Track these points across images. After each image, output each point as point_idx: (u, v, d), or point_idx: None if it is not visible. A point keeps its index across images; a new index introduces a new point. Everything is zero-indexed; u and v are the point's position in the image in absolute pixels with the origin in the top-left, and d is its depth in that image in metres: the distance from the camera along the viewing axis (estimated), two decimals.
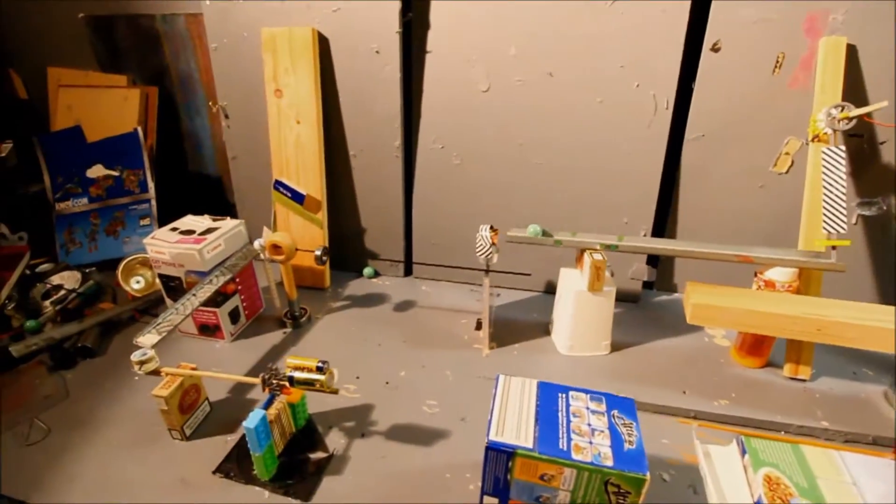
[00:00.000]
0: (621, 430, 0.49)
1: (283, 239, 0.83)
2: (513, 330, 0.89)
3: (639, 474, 0.44)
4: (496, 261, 0.79)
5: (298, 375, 0.58)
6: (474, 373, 0.79)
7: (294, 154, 0.96)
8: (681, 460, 0.63)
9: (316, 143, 0.94)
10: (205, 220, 0.88)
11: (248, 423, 0.56)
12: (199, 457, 0.64)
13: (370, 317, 0.94)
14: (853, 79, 0.77)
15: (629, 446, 0.47)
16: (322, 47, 0.92)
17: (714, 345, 0.85)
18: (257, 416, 0.57)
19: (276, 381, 0.60)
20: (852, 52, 0.76)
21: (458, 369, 0.80)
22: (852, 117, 0.71)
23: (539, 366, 0.81)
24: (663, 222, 0.93)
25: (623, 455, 0.46)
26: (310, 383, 0.58)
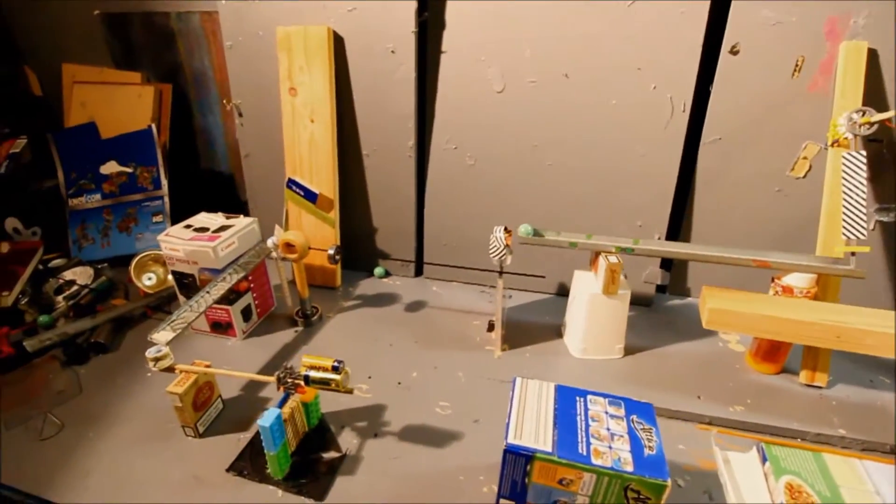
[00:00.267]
0: (641, 435, 0.48)
1: (297, 237, 0.83)
2: (525, 332, 0.89)
3: (660, 480, 0.44)
4: (510, 262, 0.79)
5: (314, 375, 0.58)
6: (487, 375, 0.79)
7: (307, 153, 0.96)
8: (696, 466, 0.62)
9: (329, 141, 0.94)
10: (218, 218, 0.88)
11: (264, 422, 0.56)
12: (213, 454, 0.64)
13: (381, 317, 0.94)
14: (874, 83, 0.76)
15: (649, 452, 0.46)
16: (337, 46, 0.92)
17: (728, 350, 0.84)
18: (273, 414, 0.56)
19: (291, 380, 0.59)
20: (873, 56, 0.75)
21: (470, 371, 0.79)
22: (874, 122, 0.70)
23: (552, 368, 0.81)
24: (677, 226, 0.92)
25: (643, 460, 0.46)
26: (325, 383, 0.58)
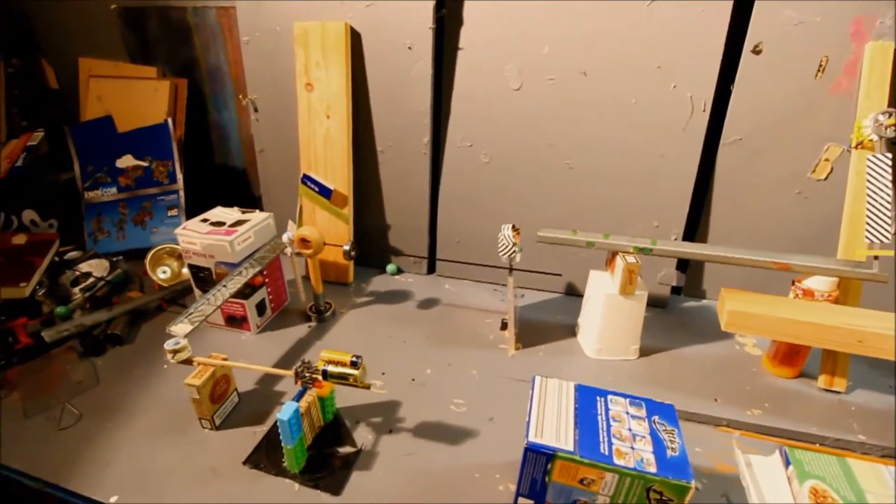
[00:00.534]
0: (663, 436, 0.48)
1: (312, 233, 0.83)
2: (538, 331, 0.89)
3: (684, 482, 0.44)
4: (519, 260, 0.79)
5: (332, 369, 0.58)
6: (501, 373, 0.78)
7: (323, 149, 0.96)
8: (714, 469, 0.62)
9: (345, 138, 0.94)
10: (234, 212, 0.88)
11: (282, 416, 0.56)
12: (229, 447, 0.65)
13: (394, 313, 0.94)
14: None
15: (672, 453, 0.46)
16: (354, 42, 0.92)
17: (745, 353, 0.83)
18: (291, 408, 0.57)
19: (308, 374, 0.60)
20: None
21: (484, 369, 0.79)
22: None
23: (566, 368, 0.80)
24: (694, 227, 0.92)
25: (666, 462, 0.45)
26: (343, 377, 0.58)
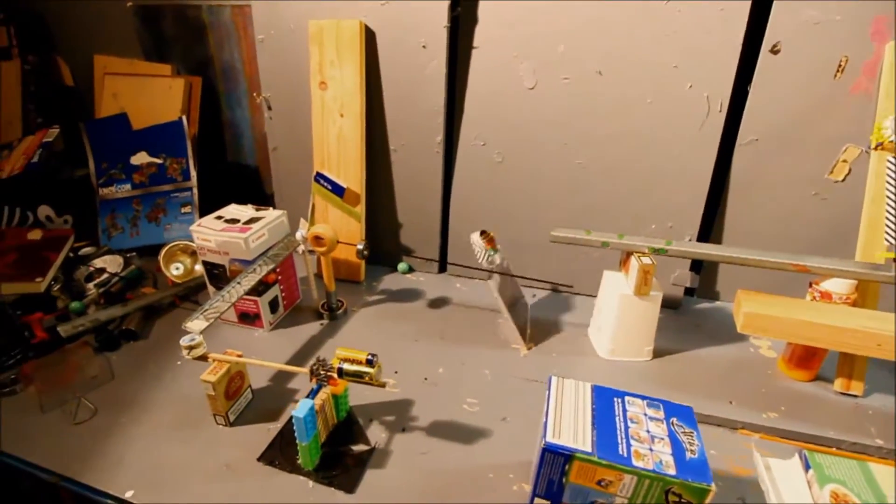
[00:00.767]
0: (682, 438, 0.48)
1: (326, 231, 0.83)
2: (550, 331, 0.88)
3: (704, 485, 0.43)
4: (500, 261, 0.81)
5: (348, 367, 0.58)
6: (513, 373, 0.78)
7: (336, 147, 0.96)
8: (729, 472, 0.61)
9: (358, 136, 0.94)
10: (248, 210, 0.89)
11: (298, 413, 0.56)
12: (243, 443, 0.65)
13: (406, 312, 0.94)
14: None
15: (691, 455, 0.46)
16: (368, 41, 0.92)
17: (760, 356, 0.83)
18: (306, 405, 0.57)
19: (324, 372, 0.60)
20: None
21: (496, 368, 0.79)
22: None
23: (579, 368, 0.80)
24: (708, 228, 0.91)
25: (686, 464, 0.45)
26: (359, 375, 0.58)
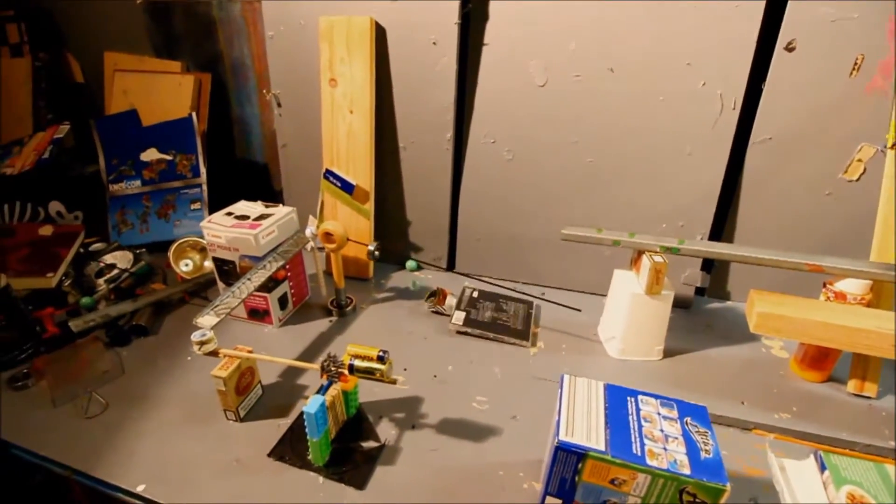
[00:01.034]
0: (696, 437, 0.47)
1: (336, 228, 0.83)
2: (559, 330, 0.88)
3: (719, 484, 0.43)
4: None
5: (359, 364, 0.58)
6: (523, 371, 0.78)
7: (346, 144, 0.96)
8: (741, 472, 0.61)
9: (368, 133, 0.94)
10: (258, 206, 0.89)
11: (309, 409, 0.56)
12: (253, 439, 0.65)
13: (414, 309, 0.94)
14: None
15: (706, 455, 0.45)
16: (379, 37, 0.91)
17: (772, 356, 0.82)
18: (317, 401, 0.57)
19: (334, 368, 0.60)
20: None
21: (506, 366, 0.79)
22: None
23: (589, 367, 0.80)
24: (720, 227, 0.90)
25: (700, 464, 0.44)
26: (370, 372, 0.58)
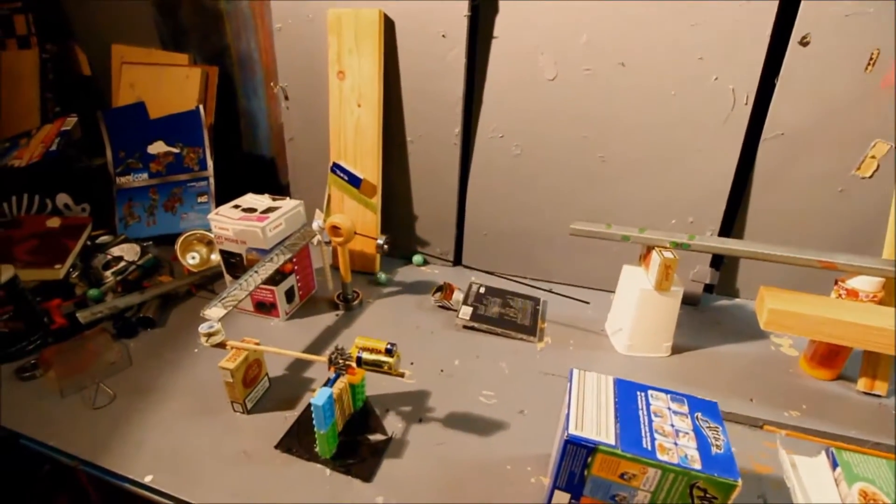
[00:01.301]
0: (707, 433, 0.47)
1: (343, 221, 0.83)
2: (567, 325, 0.88)
3: (730, 480, 0.43)
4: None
5: (367, 356, 0.58)
6: (530, 366, 0.78)
7: (353, 137, 0.96)
8: (750, 469, 0.60)
9: (376, 127, 0.94)
10: (265, 199, 0.89)
11: (316, 401, 0.56)
12: (260, 431, 0.65)
13: (421, 304, 0.94)
14: None
15: (717, 450, 0.45)
16: (387, 30, 0.91)
17: (781, 354, 0.81)
18: (325, 394, 0.57)
19: (342, 361, 0.60)
20: None
21: (513, 362, 0.79)
22: None
23: (597, 363, 0.79)
24: (730, 223, 0.90)
25: (711, 459, 0.44)
26: (378, 364, 0.58)
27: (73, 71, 1.36)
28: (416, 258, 1.07)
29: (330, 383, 0.60)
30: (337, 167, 0.97)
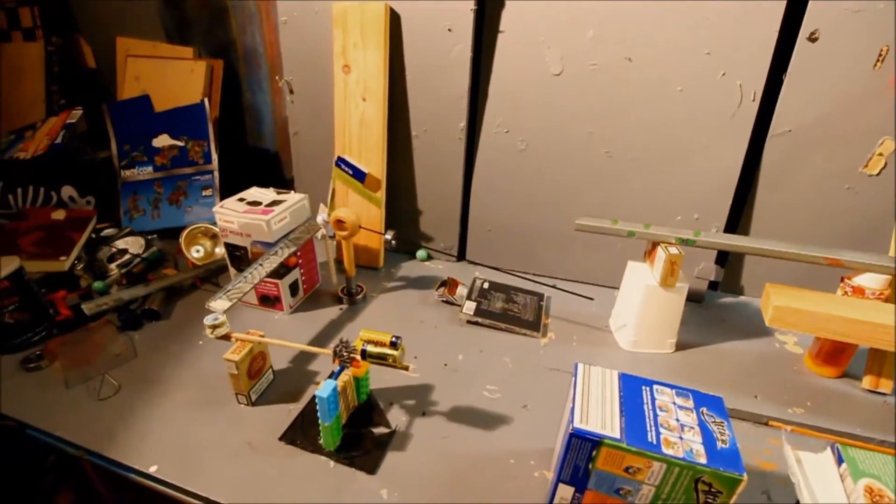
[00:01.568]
0: (712, 427, 0.47)
1: (348, 215, 0.83)
2: (570, 321, 0.88)
3: (735, 474, 0.43)
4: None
5: (371, 349, 0.58)
6: (533, 361, 0.78)
7: (358, 132, 0.96)
8: (754, 466, 0.60)
9: (380, 121, 0.94)
10: (270, 193, 0.89)
11: (321, 393, 0.56)
12: (265, 423, 0.65)
13: (424, 299, 0.94)
14: None
15: (722, 445, 0.45)
16: (393, 23, 0.91)
17: (786, 351, 0.81)
18: (329, 386, 0.57)
19: (347, 353, 0.60)
20: None
21: (516, 357, 0.79)
22: None
23: (601, 359, 0.79)
24: (735, 220, 0.89)
25: (717, 453, 0.44)
26: (382, 357, 0.58)
27: (79, 64, 1.36)
28: (420, 253, 1.07)
29: (334, 376, 0.60)
30: (341, 161, 0.97)
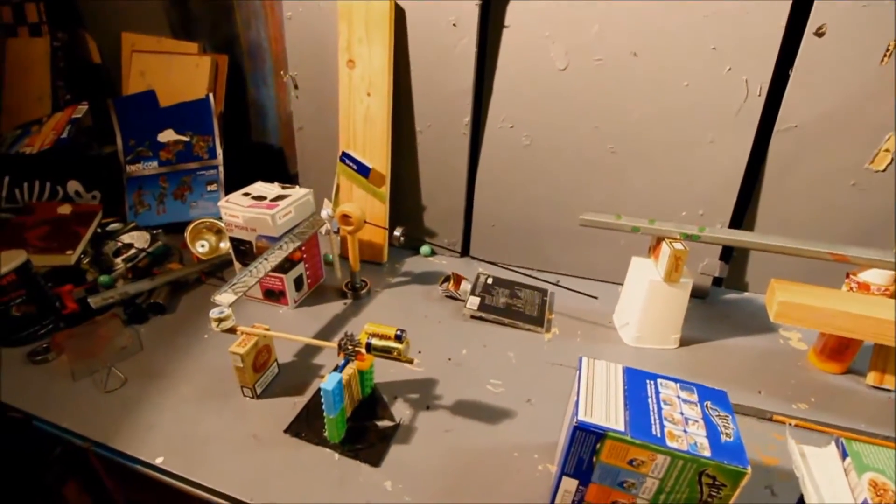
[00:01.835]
0: (716, 421, 0.47)
1: (354, 210, 0.83)
2: (574, 316, 0.88)
3: (739, 467, 0.43)
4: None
5: (376, 342, 0.58)
6: (537, 356, 0.78)
7: (362, 127, 0.96)
8: (757, 461, 0.60)
9: (385, 116, 0.94)
10: (275, 188, 0.89)
11: (327, 385, 0.56)
12: (270, 415, 0.66)
13: (428, 294, 0.94)
14: None
15: (727, 438, 0.45)
16: (398, 18, 0.91)
17: (790, 347, 0.81)
18: (335, 379, 0.57)
19: (352, 347, 0.60)
20: None
21: (520, 351, 0.79)
22: None
23: (604, 354, 0.78)
24: (740, 216, 0.89)
25: (721, 447, 0.44)
26: (387, 351, 0.58)
27: (84, 59, 1.37)
28: (424, 248, 1.07)
29: (339, 369, 0.60)
30: (346, 156, 0.97)
